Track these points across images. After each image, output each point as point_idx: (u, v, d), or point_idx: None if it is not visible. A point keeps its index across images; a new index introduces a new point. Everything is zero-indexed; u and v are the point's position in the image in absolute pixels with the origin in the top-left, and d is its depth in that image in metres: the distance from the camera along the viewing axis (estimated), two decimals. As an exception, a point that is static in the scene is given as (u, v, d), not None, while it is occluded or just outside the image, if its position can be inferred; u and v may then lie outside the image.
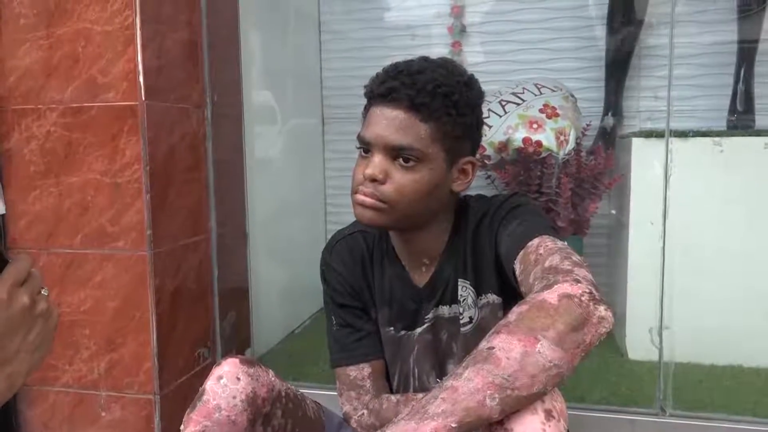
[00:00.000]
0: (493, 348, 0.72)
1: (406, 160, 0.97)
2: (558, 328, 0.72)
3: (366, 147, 1.00)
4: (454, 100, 0.97)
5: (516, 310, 0.76)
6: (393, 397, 1.09)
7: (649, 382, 1.82)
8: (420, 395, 1.05)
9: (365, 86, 1.03)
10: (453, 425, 0.69)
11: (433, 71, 0.98)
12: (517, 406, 0.71)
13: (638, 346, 2.00)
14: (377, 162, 0.98)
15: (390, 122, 0.97)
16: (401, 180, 0.97)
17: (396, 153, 0.97)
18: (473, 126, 1.02)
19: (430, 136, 0.96)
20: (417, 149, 0.96)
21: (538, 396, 0.72)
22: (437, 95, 0.96)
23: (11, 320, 0.61)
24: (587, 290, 0.75)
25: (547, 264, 0.83)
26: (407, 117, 0.96)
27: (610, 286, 2.30)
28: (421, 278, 1.10)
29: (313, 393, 1.14)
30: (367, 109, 1.02)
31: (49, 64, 1.55)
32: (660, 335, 1.80)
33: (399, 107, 0.96)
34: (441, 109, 0.96)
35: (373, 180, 0.97)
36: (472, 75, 1.04)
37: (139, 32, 1.49)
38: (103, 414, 1.61)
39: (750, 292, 1.95)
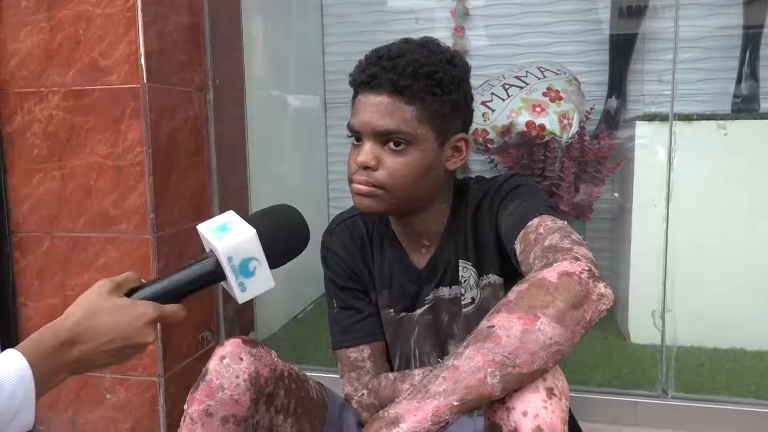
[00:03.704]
0: (493, 326, 0.72)
1: (396, 144, 0.97)
2: (558, 305, 0.72)
3: (356, 135, 1.01)
4: (437, 79, 0.96)
5: (516, 289, 0.76)
6: (391, 375, 1.09)
7: (651, 365, 1.82)
8: (417, 371, 1.07)
9: (350, 75, 1.02)
10: (455, 403, 0.69)
11: (414, 53, 0.97)
12: (519, 383, 0.71)
13: (641, 329, 2.01)
14: (368, 149, 0.98)
15: (375, 108, 0.97)
16: (393, 164, 0.97)
17: (385, 138, 0.97)
18: (461, 102, 1.01)
19: (416, 117, 0.96)
20: (405, 132, 0.96)
21: (539, 373, 0.72)
22: (419, 76, 0.95)
23: (129, 336, 0.73)
24: (587, 268, 0.75)
25: (546, 243, 0.83)
26: (392, 101, 0.96)
27: (613, 269, 2.30)
28: (420, 260, 1.10)
29: (315, 376, 1.15)
30: (353, 98, 1.02)
31: (51, 47, 1.54)
32: (662, 318, 1.81)
33: (382, 92, 0.96)
34: (425, 89, 0.96)
35: (366, 167, 0.98)
36: (455, 51, 1.03)
37: (140, 15, 1.48)
38: (108, 396, 1.62)
39: (753, 276, 1.95)
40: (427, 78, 0.96)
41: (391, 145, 0.97)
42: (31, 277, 1.63)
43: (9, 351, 0.69)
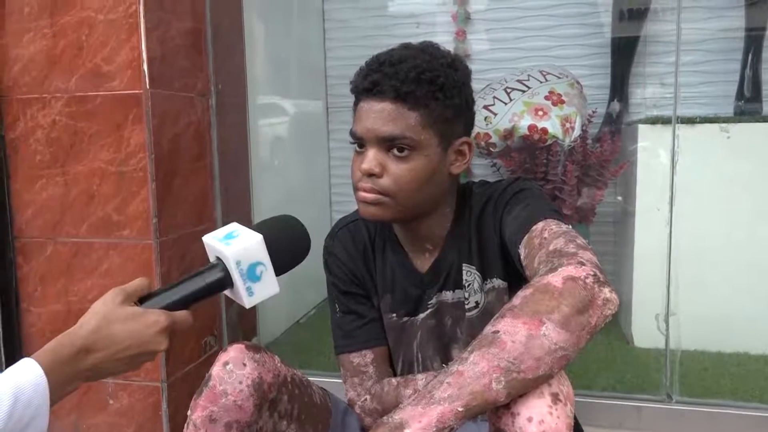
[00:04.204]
0: (498, 332, 0.72)
1: (400, 150, 0.97)
2: (563, 310, 0.71)
3: (359, 142, 1.00)
4: (439, 84, 0.96)
5: (521, 294, 0.75)
6: (393, 380, 1.09)
7: (655, 369, 1.82)
8: (420, 376, 1.06)
9: (351, 82, 1.02)
10: (459, 409, 0.69)
11: (415, 58, 0.97)
12: (524, 389, 0.71)
13: (644, 333, 2.00)
14: (371, 156, 0.98)
15: (378, 115, 0.96)
16: (397, 171, 0.97)
17: (389, 144, 0.97)
18: (463, 106, 1.01)
19: (420, 123, 0.96)
20: (409, 137, 0.96)
21: (545, 379, 0.71)
22: (422, 81, 0.95)
23: (142, 344, 0.75)
24: (592, 273, 0.75)
25: (551, 248, 0.83)
26: (395, 107, 0.96)
27: (616, 273, 2.30)
28: (423, 264, 1.10)
29: (318, 381, 1.14)
30: (355, 104, 1.02)
31: (53, 53, 1.55)
32: (666, 322, 1.80)
33: (385, 99, 0.96)
34: (427, 94, 0.96)
35: (371, 174, 0.98)
36: (456, 55, 1.04)
37: (142, 20, 1.49)
38: (111, 401, 1.62)
39: (757, 279, 1.94)
40: (429, 83, 0.96)
41: (395, 151, 0.97)
42: (34, 282, 1.63)
43: (25, 360, 0.71)
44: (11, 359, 1.63)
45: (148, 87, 1.50)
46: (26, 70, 1.56)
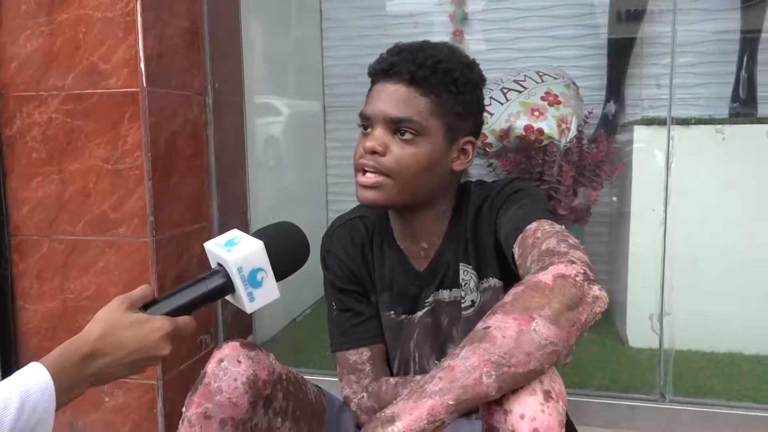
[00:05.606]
0: (489, 327, 0.72)
1: (406, 134, 0.98)
2: (553, 306, 0.72)
3: (367, 123, 1.02)
4: (454, 77, 0.99)
5: (512, 292, 0.76)
6: (392, 380, 1.09)
7: (649, 368, 1.83)
8: (418, 377, 1.06)
9: (369, 66, 1.04)
10: (450, 402, 0.69)
11: (434, 49, 1.00)
12: (514, 383, 0.71)
13: (639, 333, 2.01)
14: (377, 135, 0.99)
15: (390, 96, 0.99)
16: (400, 153, 0.99)
17: (395, 126, 0.98)
18: (473, 105, 1.03)
19: (429, 110, 0.98)
20: (416, 122, 0.97)
21: (535, 374, 0.72)
22: (437, 70, 0.98)
23: (147, 349, 0.77)
24: (581, 271, 0.76)
25: (543, 247, 0.84)
26: (407, 91, 0.98)
27: (611, 273, 2.30)
28: (420, 262, 1.11)
29: (314, 379, 1.15)
30: (369, 91, 1.04)
31: (51, 50, 1.55)
32: (660, 322, 1.81)
33: (399, 81, 0.98)
34: (441, 84, 0.98)
35: (374, 152, 0.98)
36: (474, 59, 1.06)
37: (140, 19, 1.49)
38: (107, 399, 1.62)
39: (750, 280, 1.95)
40: (444, 74, 0.98)
41: (401, 134, 0.99)
42: (29, 280, 1.63)
43: (33, 364, 0.73)
44: (6, 356, 1.63)
45: (144, 85, 1.51)
46: (23, 68, 1.57)
